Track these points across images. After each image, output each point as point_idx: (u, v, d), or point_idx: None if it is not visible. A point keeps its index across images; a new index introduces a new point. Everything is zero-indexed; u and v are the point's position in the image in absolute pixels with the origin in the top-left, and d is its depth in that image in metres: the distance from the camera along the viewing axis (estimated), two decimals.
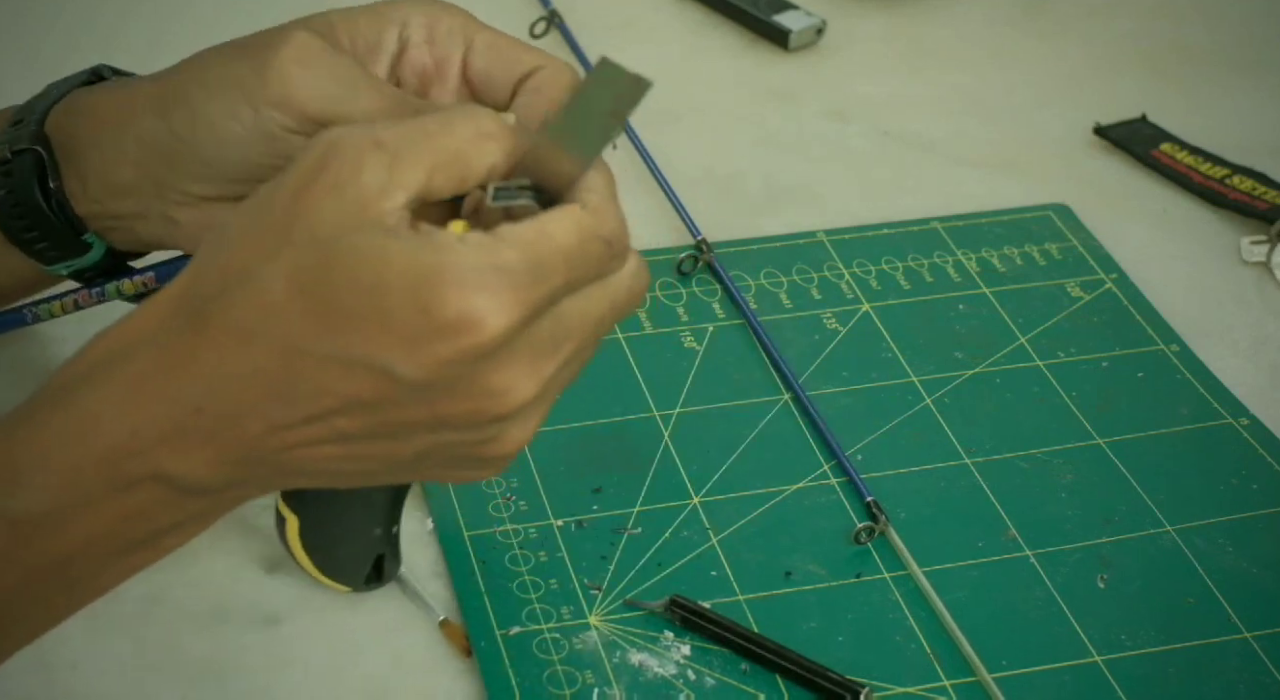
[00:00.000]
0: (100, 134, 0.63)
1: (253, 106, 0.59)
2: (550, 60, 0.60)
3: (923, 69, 1.00)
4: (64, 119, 0.63)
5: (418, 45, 0.61)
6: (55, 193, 0.63)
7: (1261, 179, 0.89)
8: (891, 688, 0.64)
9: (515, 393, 0.49)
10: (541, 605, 0.66)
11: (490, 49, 0.61)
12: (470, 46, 0.61)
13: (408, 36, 0.61)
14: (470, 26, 0.61)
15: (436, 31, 0.61)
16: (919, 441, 0.74)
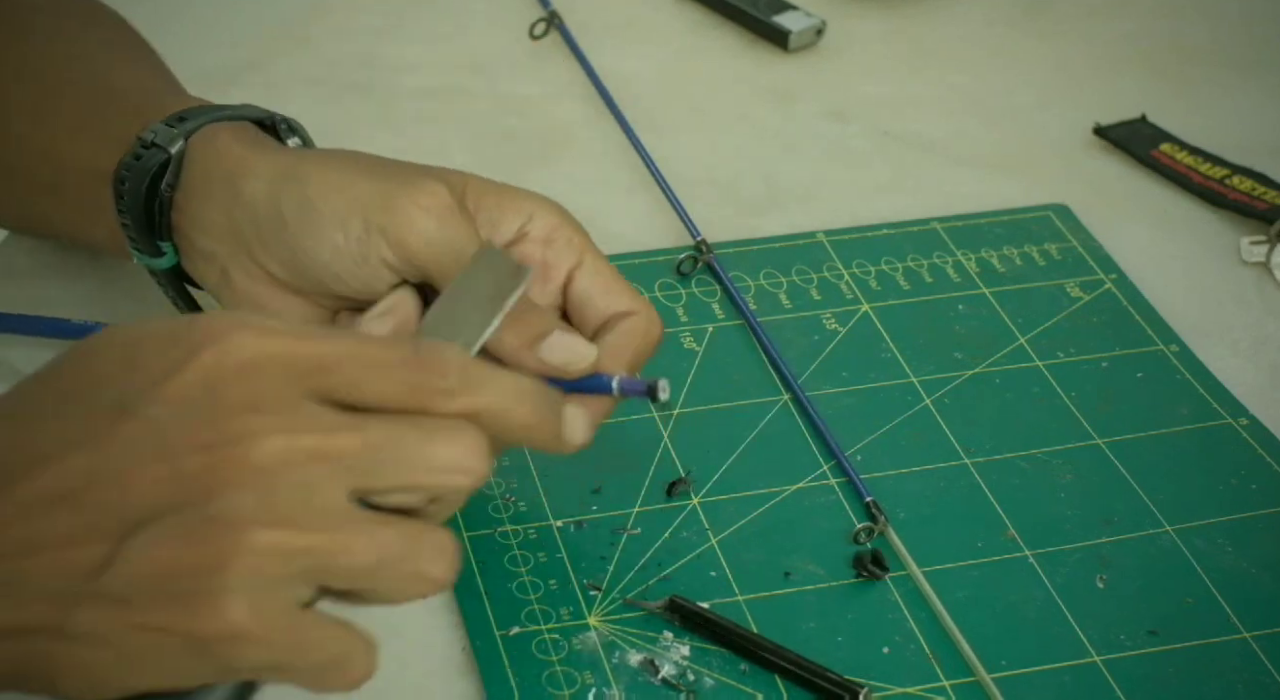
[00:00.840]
0: (214, 171, 0.64)
1: (364, 228, 0.61)
2: (646, 308, 0.63)
3: (923, 69, 1.00)
4: (202, 143, 0.65)
5: (534, 241, 0.63)
6: (163, 193, 0.65)
7: (1261, 179, 0.89)
8: (891, 688, 0.64)
9: (256, 439, 0.45)
10: (541, 606, 0.66)
11: (597, 275, 0.63)
12: (580, 264, 0.63)
13: (528, 230, 0.63)
14: (586, 246, 0.63)
15: (556, 236, 0.63)
16: (918, 442, 0.74)
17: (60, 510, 0.45)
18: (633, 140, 0.89)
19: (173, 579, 0.44)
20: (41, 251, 0.80)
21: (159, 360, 0.46)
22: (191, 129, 0.66)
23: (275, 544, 0.44)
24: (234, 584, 0.44)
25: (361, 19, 1.01)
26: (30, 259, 0.80)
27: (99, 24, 0.76)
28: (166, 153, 0.65)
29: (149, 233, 0.66)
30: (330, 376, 0.46)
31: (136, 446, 0.45)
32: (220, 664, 0.45)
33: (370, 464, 0.46)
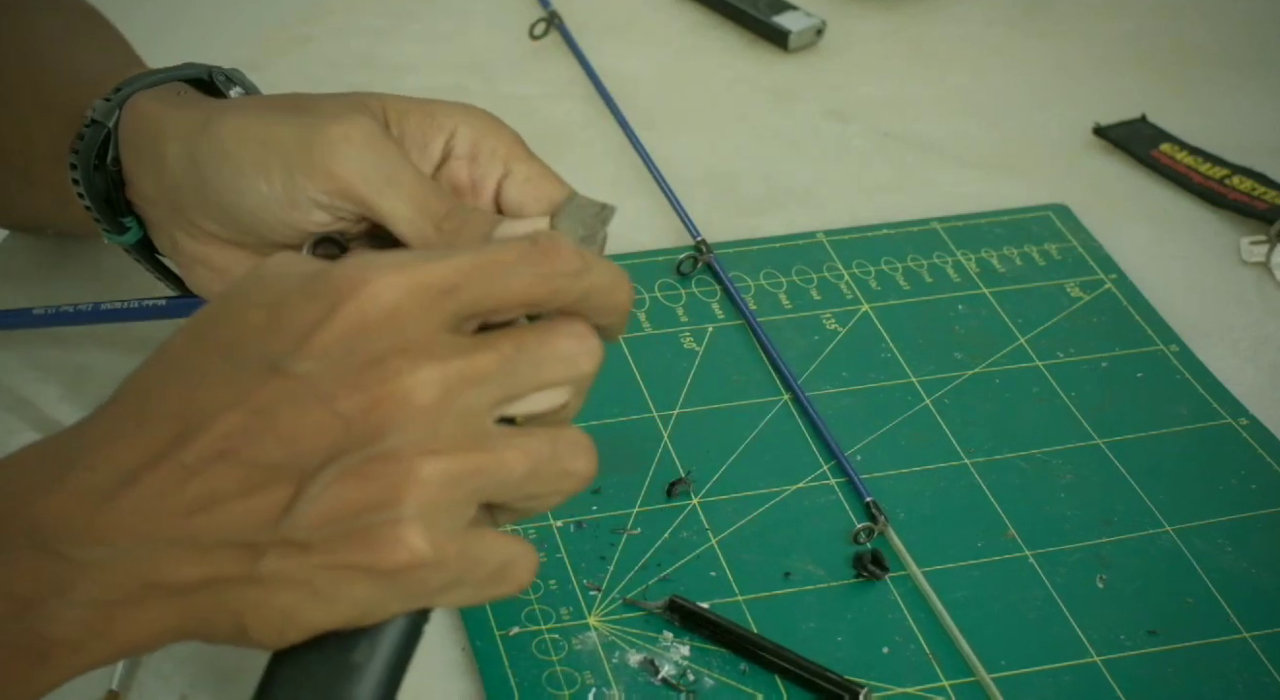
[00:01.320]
0: (139, 140, 0.64)
1: (287, 171, 0.60)
2: None
3: (923, 69, 1.00)
4: (129, 112, 0.65)
5: (459, 159, 0.62)
6: (109, 171, 0.65)
7: (1261, 179, 0.89)
8: (890, 688, 0.64)
9: (411, 375, 0.47)
10: (541, 606, 0.66)
11: (526, 182, 0.61)
12: (509, 174, 0.62)
13: (452, 147, 0.62)
14: (514, 153, 0.62)
15: (481, 149, 0.62)
16: (918, 442, 0.74)
17: (231, 466, 0.46)
18: (632, 140, 0.89)
19: (352, 517, 0.46)
20: (41, 251, 0.80)
21: (301, 317, 0.47)
22: (122, 99, 0.65)
23: (443, 471, 0.46)
24: (410, 515, 0.46)
25: (361, 19, 1.01)
26: (30, 259, 0.80)
27: (59, 8, 0.76)
28: (106, 127, 0.65)
29: (109, 210, 0.66)
30: (463, 293, 0.48)
31: (295, 400, 0.46)
32: (402, 592, 0.47)
33: (508, 376, 0.48)
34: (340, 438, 0.46)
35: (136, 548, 0.46)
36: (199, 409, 0.47)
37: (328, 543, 0.46)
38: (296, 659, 0.48)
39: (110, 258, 0.80)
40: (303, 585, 0.46)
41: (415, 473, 0.46)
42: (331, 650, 0.48)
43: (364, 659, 0.48)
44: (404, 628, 0.49)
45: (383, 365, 0.46)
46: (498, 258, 0.49)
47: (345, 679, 0.48)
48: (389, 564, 0.46)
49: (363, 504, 0.46)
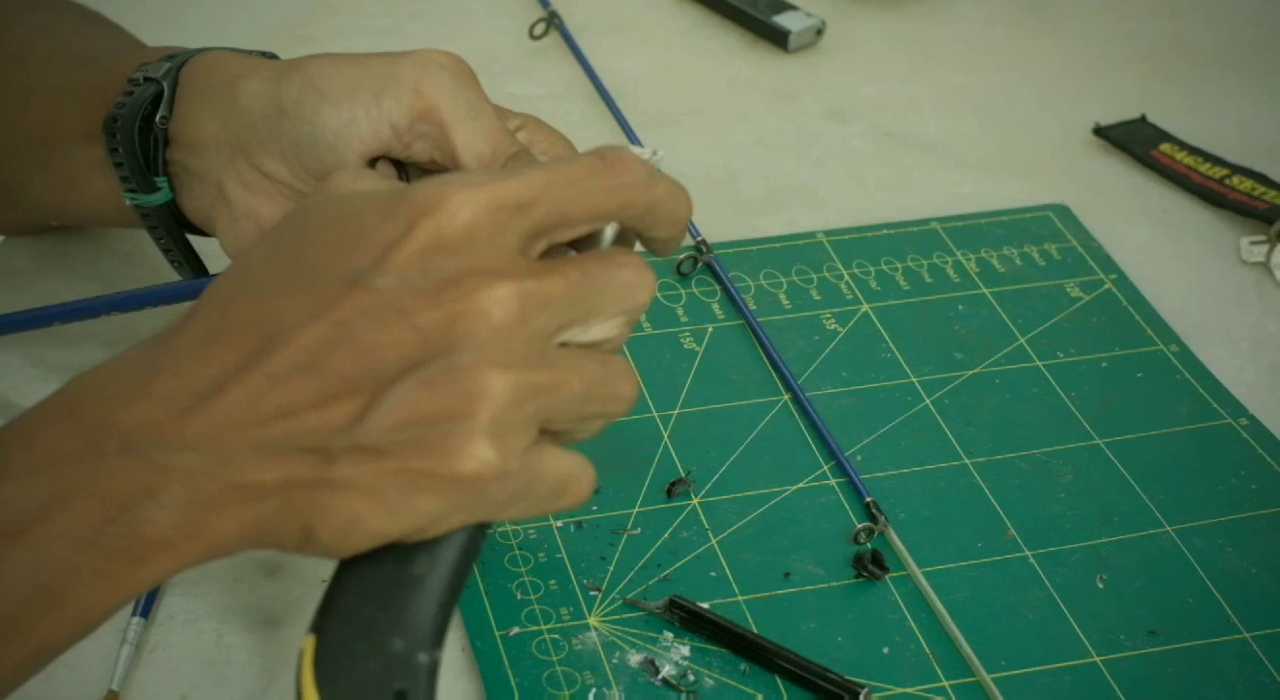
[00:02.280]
0: (211, 83, 0.66)
1: (374, 94, 0.63)
2: None
3: (923, 69, 1.00)
4: (199, 65, 0.67)
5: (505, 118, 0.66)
6: (157, 125, 0.67)
7: (1261, 179, 0.89)
8: (891, 688, 0.64)
9: (488, 292, 0.48)
10: (541, 606, 0.66)
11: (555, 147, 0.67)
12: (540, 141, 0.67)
13: None
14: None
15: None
16: (918, 442, 0.74)
17: (310, 377, 0.47)
18: (633, 140, 0.89)
19: (425, 426, 0.47)
20: (41, 251, 0.80)
21: (380, 233, 0.48)
22: (183, 60, 0.67)
23: (514, 387, 0.48)
24: (481, 426, 0.47)
25: (362, 19, 1.01)
26: (30, 259, 0.80)
27: (68, 8, 0.78)
28: (159, 85, 0.67)
29: (143, 169, 0.68)
30: (537, 209, 0.49)
31: (374, 314, 0.48)
32: (467, 503, 0.48)
33: (574, 302, 0.50)
34: (417, 350, 0.47)
35: (220, 453, 0.47)
36: (280, 320, 0.48)
37: (399, 449, 0.47)
38: (360, 570, 0.50)
39: (111, 257, 0.80)
40: (371, 491, 0.48)
41: (489, 386, 0.47)
42: (392, 563, 0.49)
43: (424, 572, 0.49)
44: (463, 543, 0.50)
45: (460, 282, 0.48)
46: (569, 172, 0.50)
47: (406, 590, 0.49)
48: (458, 473, 0.47)
49: (436, 413, 0.47)
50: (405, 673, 0.49)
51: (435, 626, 0.50)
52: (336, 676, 0.49)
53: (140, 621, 0.64)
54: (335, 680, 0.49)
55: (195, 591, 0.66)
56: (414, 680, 0.49)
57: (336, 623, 0.50)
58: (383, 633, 0.49)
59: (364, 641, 0.49)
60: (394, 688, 0.49)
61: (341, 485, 0.48)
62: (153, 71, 0.67)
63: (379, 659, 0.49)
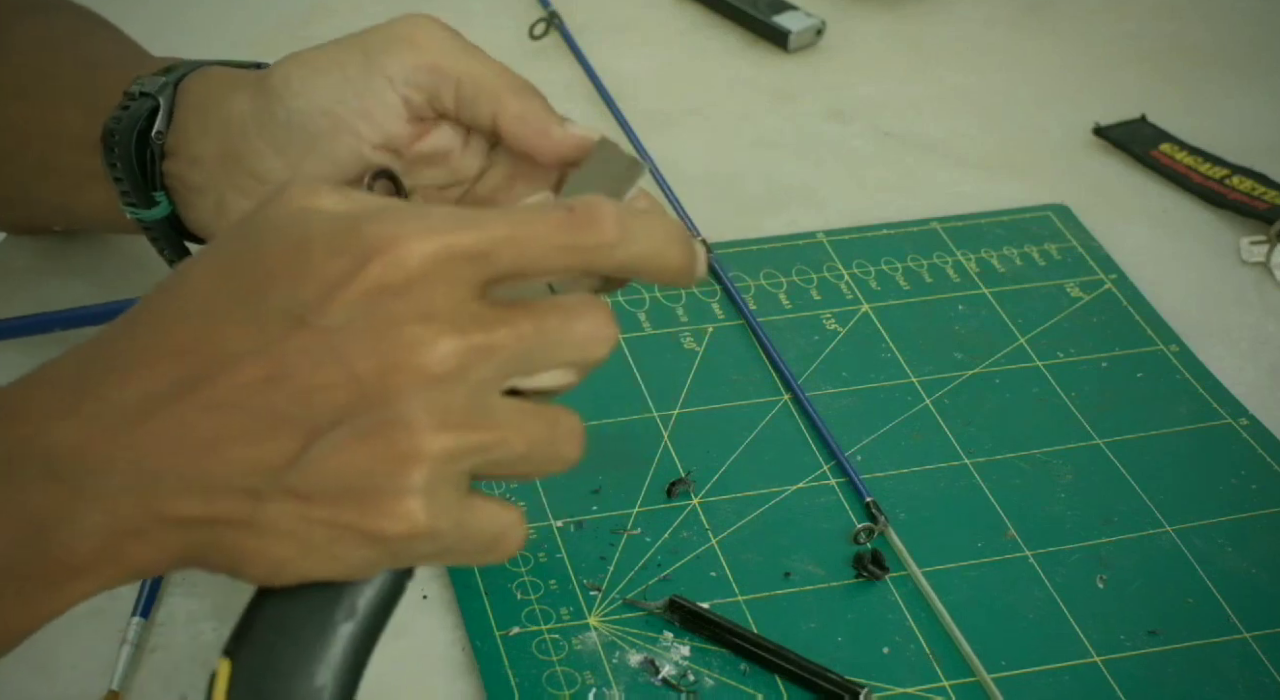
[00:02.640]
0: (205, 100, 0.67)
1: (365, 55, 0.63)
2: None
3: (923, 69, 1.00)
4: (196, 81, 0.67)
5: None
6: (154, 142, 0.67)
7: (1261, 179, 0.89)
8: (891, 688, 0.64)
9: (430, 346, 0.46)
10: (541, 606, 0.66)
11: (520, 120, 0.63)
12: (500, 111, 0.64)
13: None
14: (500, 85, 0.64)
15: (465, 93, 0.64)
16: (918, 442, 0.74)
17: (243, 412, 0.46)
18: (633, 140, 0.89)
19: (356, 479, 0.46)
20: (41, 251, 0.80)
21: (327, 268, 0.47)
22: (181, 75, 0.67)
23: (450, 447, 0.47)
24: (414, 487, 0.46)
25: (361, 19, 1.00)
26: (30, 259, 0.80)
27: (66, 9, 0.78)
28: (155, 100, 0.67)
29: (142, 184, 0.68)
30: (492, 261, 0.47)
31: (313, 355, 0.46)
32: (393, 557, 0.48)
33: (524, 353, 0.48)
34: (353, 398, 0.46)
35: (145, 481, 0.47)
36: (219, 350, 0.47)
37: (329, 499, 0.47)
38: (282, 603, 0.49)
39: (112, 257, 0.80)
40: (298, 537, 0.47)
41: (424, 446, 0.46)
42: (315, 604, 0.49)
43: (342, 619, 0.49)
44: (385, 591, 0.50)
45: (403, 330, 0.46)
46: (532, 228, 0.48)
47: (327, 635, 0.49)
48: (386, 532, 0.47)
49: (368, 468, 0.46)
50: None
51: (347, 678, 0.49)
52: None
53: (140, 621, 0.64)
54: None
55: (195, 591, 0.66)
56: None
57: (253, 655, 0.49)
58: (298, 677, 0.49)
59: (280, 680, 0.49)
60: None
61: (268, 528, 0.47)
62: (149, 86, 0.67)
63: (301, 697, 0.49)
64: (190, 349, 0.47)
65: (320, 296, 0.46)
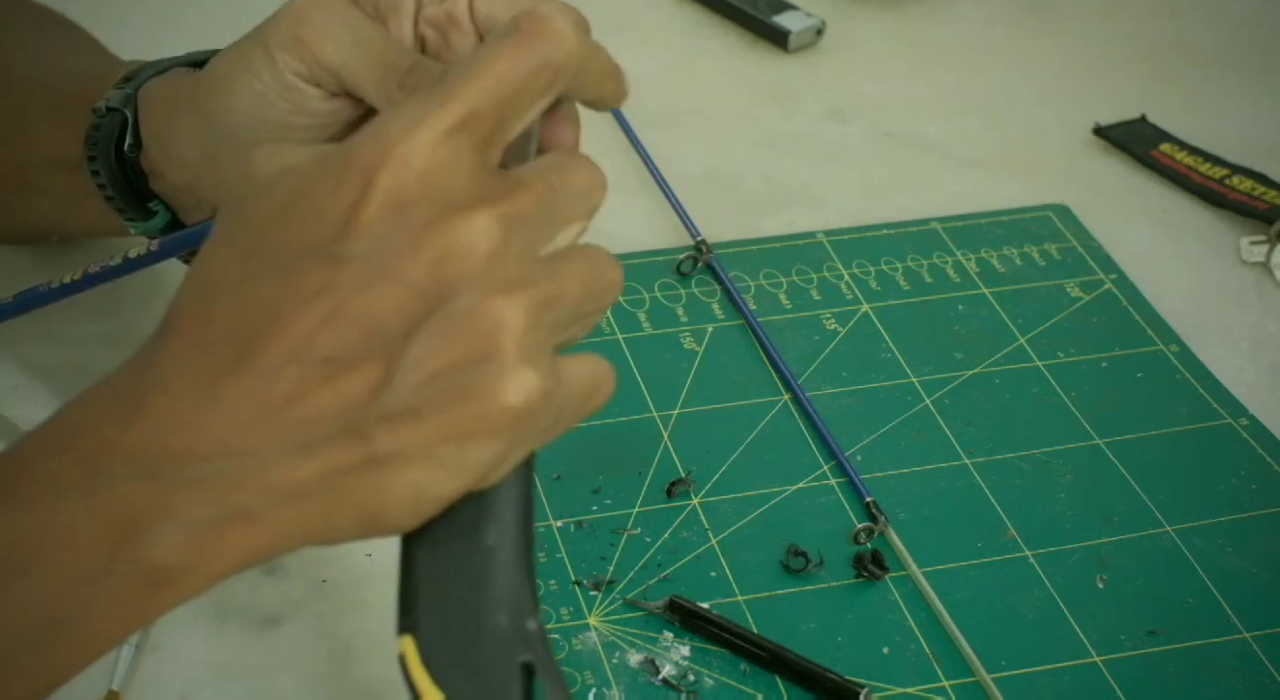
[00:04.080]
0: (159, 129, 0.66)
1: (266, 53, 0.61)
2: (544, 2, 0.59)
3: (923, 69, 1.00)
4: (143, 107, 0.66)
5: (431, 3, 0.61)
6: (129, 155, 0.66)
7: (1261, 179, 0.89)
8: (891, 688, 0.64)
9: (467, 228, 0.46)
10: (541, 606, 0.65)
11: None
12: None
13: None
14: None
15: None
16: (918, 442, 0.74)
17: (312, 361, 0.45)
18: (633, 140, 0.89)
19: (456, 375, 0.45)
20: (41, 252, 0.80)
21: (337, 203, 0.46)
22: (137, 86, 0.67)
23: (526, 307, 0.46)
24: (514, 357, 0.45)
25: None
26: (30, 259, 0.80)
27: (33, 17, 0.77)
28: (123, 114, 0.66)
29: (134, 199, 0.67)
30: (479, 121, 0.47)
31: (359, 285, 0.45)
32: (522, 437, 0.46)
33: (546, 213, 0.48)
34: (416, 306, 0.45)
35: (239, 461, 0.45)
36: (259, 316, 0.46)
37: (438, 406, 0.45)
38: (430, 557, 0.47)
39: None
40: (423, 457, 0.45)
41: (503, 318, 0.45)
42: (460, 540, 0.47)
43: (496, 541, 0.47)
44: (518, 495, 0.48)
45: (435, 225, 0.46)
46: (495, 67, 0.47)
47: (487, 563, 0.47)
48: (509, 408, 0.45)
49: (462, 359, 0.45)
50: (521, 645, 0.47)
51: (529, 590, 0.47)
52: (454, 670, 0.47)
53: None
54: (454, 674, 0.47)
55: None
56: (534, 649, 0.47)
57: (429, 616, 0.47)
58: (484, 613, 0.47)
59: (467, 627, 0.47)
60: (518, 662, 0.47)
61: (389, 459, 0.45)
62: (114, 100, 0.66)
63: (492, 640, 0.46)
64: (236, 324, 0.46)
65: (341, 229, 0.46)
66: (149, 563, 0.45)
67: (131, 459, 0.45)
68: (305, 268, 0.46)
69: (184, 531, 0.45)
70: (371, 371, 0.45)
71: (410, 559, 0.48)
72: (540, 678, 0.46)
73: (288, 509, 0.45)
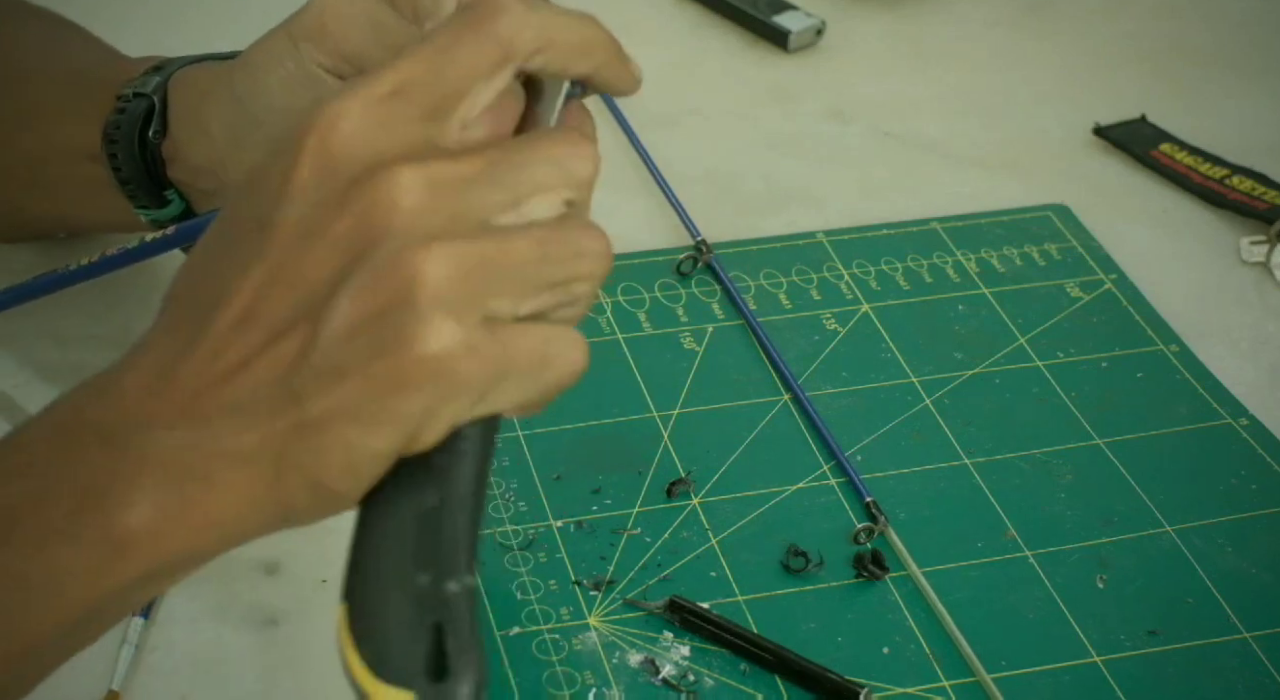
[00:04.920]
0: (188, 112, 0.67)
1: (293, 43, 0.62)
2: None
3: (923, 69, 1.00)
4: (173, 92, 0.68)
5: None
6: (152, 141, 0.67)
7: (1261, 179, 0.89)
8: (891, 688, 0.64)
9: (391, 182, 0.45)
10: (541, 606, 0.66)
11: None
12: None
13: None
14: None
15: None
16: (918, 442, 0.74)
17: (253, 326, 0.46)
18: (633, 140, 0.89)
19: (373, 327, 0.45)
20: (42, 252, 0.80)
21: (275, 171, 0.47)
22: (169, 73, 0.68)
23: (448, 257, 0.45)
24: (429, 304, 0.45)
25: None
26: (30, 259, 0.80)
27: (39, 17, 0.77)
28: (150, 100, 0.67)
29: (151, 187, 0.68)
30: (417, 92, 0.47)
31: (291, 245, 0.46)
32: (450, 386, 0.46)
33: (497, 179, 0.47)
34: (340, 262, 0.45)
35: (195, 424, 0.46)
36: (211, 291, 0.47)
37: (359, 360, 0.45)
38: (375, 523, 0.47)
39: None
40: (350, 413, 0.45)
41: (420, 266, 0.45)
42: (404, 504, 0.47)
43: (435, 501, 0.47)
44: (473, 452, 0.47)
45: (360, 181, 0.46)
46: (439, 41, 0.47)
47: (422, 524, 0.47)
48: (423, 356, 0.45)
49: (378, 310, 0.45)
50: (436, 605, 0.46)
51: (460, 551, 0.46)
52: (372, 630, 0.46)
53: (140, 621, 0.64)
54: (371, 634, 0.46)
55: (195, 591, 0.66)
56: (448, 611, 0.46)
57: (361, 580, 0.47)
58: (408, 573, 0.46)
59: (392, 590, 0.46)
60: (427, 623, 0.46)
61: (320, 420, 0.45)
62: (141, 86, 0.67)
63: (408, 601, 0.46)
64: (197, 301, 0.47)
65: (275, 195, 0.46)
66: (114, 525, 0.46)
67: (102, 427, 0.47)
68: (245, 238, 0.47)
69: (145, 496, 0.46)
70: (302, 332, 0.46)
71: (358, 526, 0.48)
72: (450, 638, 0.45)
73: (236, 474, 0.46)
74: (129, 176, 0.68)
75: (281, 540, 0.49)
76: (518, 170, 0.47)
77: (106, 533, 0.46)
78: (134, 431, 0.46)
